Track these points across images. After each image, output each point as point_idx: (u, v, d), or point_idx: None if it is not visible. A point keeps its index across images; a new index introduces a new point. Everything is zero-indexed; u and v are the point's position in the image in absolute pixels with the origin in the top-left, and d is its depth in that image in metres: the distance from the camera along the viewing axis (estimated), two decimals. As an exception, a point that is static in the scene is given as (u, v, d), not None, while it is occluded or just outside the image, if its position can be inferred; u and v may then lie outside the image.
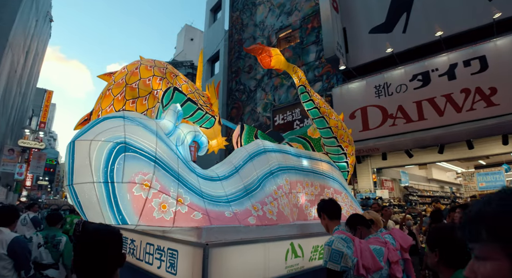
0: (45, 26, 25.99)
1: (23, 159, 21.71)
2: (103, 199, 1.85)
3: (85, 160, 1.89)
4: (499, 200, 0.62)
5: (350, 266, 2.07)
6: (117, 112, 2.29)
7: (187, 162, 2.52)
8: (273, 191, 2.92)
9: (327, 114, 3.95)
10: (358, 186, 8.87)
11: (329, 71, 10.16)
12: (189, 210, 2.13)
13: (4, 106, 17.24)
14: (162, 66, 3.01)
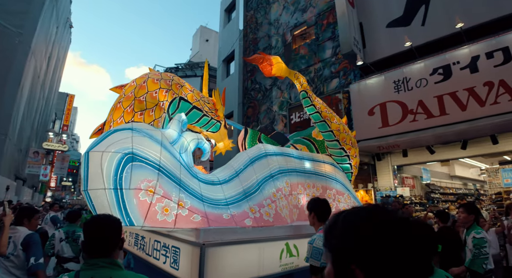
0: (66, 33, 26.78)
1: (48, 160, 22.47)
2: (113, 203, 2.13)
3: (97, 169, 2.17)
4: (343, 217, 0.73)
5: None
6: (126, 124, 2.56)
7: (190, 168, 2.74)
8: (271, 193, 3.09)
9: (329, 118, 4.10)
10: (378, 184, 8.71)
11: (346, 67, 10.02)
12: (189, 213, 2.37)
13: (28, 111, 17.88)
14: (168, 78, 3.23)
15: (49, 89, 24.41)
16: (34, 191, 25.53)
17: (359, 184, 9.01)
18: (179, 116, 2.95)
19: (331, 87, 10.35)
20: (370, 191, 8.70)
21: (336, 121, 4.20)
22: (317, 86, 10.86)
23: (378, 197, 8.33)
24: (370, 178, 8.86)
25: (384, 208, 0.76)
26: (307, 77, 11.33)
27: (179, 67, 27.90)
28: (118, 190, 2.14)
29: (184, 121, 2.99)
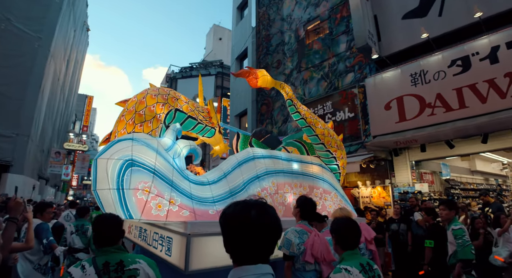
0: (83, 36, 27.41)
1: (69, 160, 23.17)
2: (116, 201, 2.61)
3: (104, 173, 2.66)
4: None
5: (297, 253, 2.59)
6: (127, 135, 3.04)
7: (182, 171, 3.18)
8: (256, 192, 3.50)
9: (313, 123, 4.46)
10: (395, 180, 8.53)
11: (361, 61, 9.84)
12: (179, 208, 2.81)
13: (50, 112, 18.44)
14: (165, 93, 3.70)
15: (69, 91, 25.09)
16: (57, 190, 26.38)
17: (376, 180, 8.86)
18: (174, 126, 3.50)
19: (346, 82, 10.20)
20: (387, 187, 8.54)
21: (321, 127, 4.56)
22: (332, 81, 10.72)
23: (396, 193, 8.17)
24: (387, 174, 8.68)
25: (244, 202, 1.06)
26: (322, 72, 11.21)
27: (193, 67, 28.13)
28: (120, 190, 2.62)
29: (178, 130, 3.53)
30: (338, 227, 2.05)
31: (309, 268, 2.62)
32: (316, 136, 4.46)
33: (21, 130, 13.40)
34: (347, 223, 2.06)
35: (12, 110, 12.92)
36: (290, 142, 5.05)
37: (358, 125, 9.46)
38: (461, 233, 3.47)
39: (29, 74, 13.78)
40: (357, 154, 8.93)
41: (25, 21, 13.65)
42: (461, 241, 3.43)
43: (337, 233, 2.03)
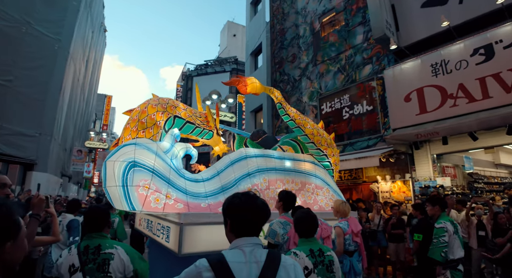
0: (101, 36, 27.96)
1: (90, 158, 23.81)
2: (122, 196, 3.08)
3: (111, 173, 3.14)
4: None
5: (281, 242, 2.94)
6: (131, 140, 3.52)
7: (178, 170, 3.67)
8: (246, 188, 3.91)
9: (302, 124, 4.78)
10: (416, 174, 8.30)
11: (379, 52, 9.59)
12: (174, 202, 3.30)
13: (71, 112, 18.95)
14: (164, 102, 4.13)
15: (89, 91, 25.70)
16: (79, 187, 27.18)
17: (396, 175, 8.65)
18: (172, 131, 4.00)
19: (363, 74, 9.97)
20: (407, 181, 8.33)
21: (310, 127, 4.87)
22: (349, 74, 10.51)
23: (417, 187, 7.95)
24: (407, 168, 8.46)
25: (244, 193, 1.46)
26: (338, 64, 11.00)
27: (208, 64, 28.24)
28: (124, 187, 3.10)
29: (176, 135, 4.01)
30: (296, 218, 2.38)
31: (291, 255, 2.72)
32: (306, 136, 4.80)
33: (44, 130, 13.83)
34: (304, 215, 2.33)
35: (35, 111, 13.34)
36: (286, 141, 5.33)
37: (377, 119, 9.25)
38: (440, 233, 3.57)
39: (50, 75, 14.18)
40: (376, 148, 8.74)
41: (45, 24, 14.02)
42: (436, 241, 3.57)
43: (295, 223, 2.39)
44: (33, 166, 13.48)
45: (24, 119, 12.90)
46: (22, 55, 12.88)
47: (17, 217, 1.04)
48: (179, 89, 27.90)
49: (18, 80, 12.68)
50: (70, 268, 2.03)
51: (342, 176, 10.44)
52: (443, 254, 3.51)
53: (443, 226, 3.60)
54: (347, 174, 10.28)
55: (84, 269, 2.02)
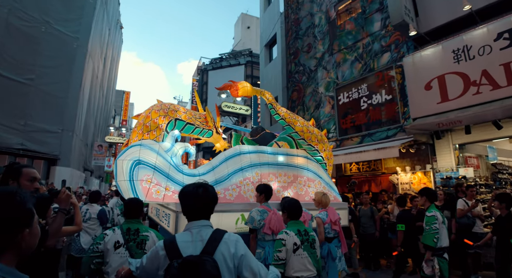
0: (117, 33, 28.36)
1: (110, 153, 24.42)
2: (129, 188, 3.77)
3: (121, 169, 3.82)
4: None
5: (258, 226, 3.59)
6: (137, 141, 4.16)
7: (177, 166, 4.30)
8: (238, 181, 4.49)
9: (292, 122, 5.22)
10: (437, 165, 8.04)
11: (397, 39, 9.27)
12: (172, 193, 3.97)
13: (90, 108, 19.42)
14: (166, 107, 4.69)
15: (107, 88, 26.24)
16: (101, 180, 28.00)
17: (416, 166, 8.41)
18: (173, 133, 4.61)
19: (382, 63, 9.68)
20: (428, 172, 8.08)
21: (299, 125, 5.29)
22: (367, 63, 10.23)
23: (438, 178, 7.71)
24: (428, 158, 8.20)
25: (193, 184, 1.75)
26: (355, 53, 10.73)
27: (223, 57, 28.21)
28: (131, 181, 3.79)
29: (177, 136, 4.64)
30: (286, 204, 2.99)
31: (267, 239, 3.54)
32: (296, 133, 5.25)
33: (66, 126, 14.26)
34: (292, 202, 2.96)
35: (57, 108, 13.75)
36: (283, 137, 5.64)
37: (396, 108, 8.99)
38: (432, 220, 3.89)
39: (70, 73, 14.54)
40: (396, 138, 8.51)
41: (63, 23, 14.33)
42: (428, 228, 3.88)
43: (285, 208, 2.98)
44: (57, 161, 13.95)
45: (46, 116, 13.32)
46: (43, 54, 13.23)
47: (30, 206, 1.08)
48: (194, 83, 28.07)
49: (40, 79, 13.06)
50: (115, 243, 2.64)
51: (360, 168, 10.27)
52: (435, 240, 3.81)
53: (434, 214, 3.92)
54: (365, 166, 10.09)
55: (127, 245, 2.65)
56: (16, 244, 1.03)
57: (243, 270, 1.61)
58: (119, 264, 2.50)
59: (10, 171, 2.16)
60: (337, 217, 4.13)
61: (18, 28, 12.39)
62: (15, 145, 12.26)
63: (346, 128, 10.63)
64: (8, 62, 11.96)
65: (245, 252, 1.66)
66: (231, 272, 1.58)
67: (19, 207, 1.05)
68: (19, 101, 12.32)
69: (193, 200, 1.68)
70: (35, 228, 1.10)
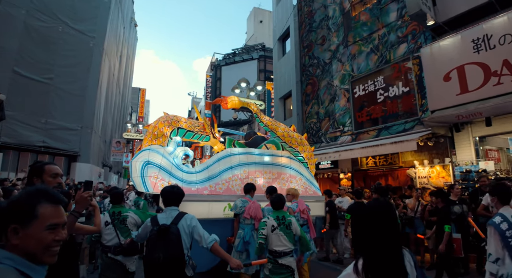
0: (132, 31, 28.70)
1: (128, 149, 24.90)
2: (141, 183, 4.80)
3: (135, 168, 4.87)
4: None
5: (239, 212, 4.65)
6: (147, 146, 5.23)
7: (178, 165, 5.37)
8: (227, 177, 5.52)
9: (274, 128, 6.37)
10: (456, 158, 7.84)
11: (414, 29, 9.02)
12: None
13: (108, 106, 19.81)
14: (170, 118, 5.75)
15: (124, 85, 26.67)
16: (119, 176, 28.62)
17: (434, 159, 8.23)
18: (175, 139, 5.69)
19: (398, 54, 9.45)
20: (447, 166, 7.89)
21: (281, 130, 6.41)
22: (383, 54, 10.01)
23: (457, 172, 7.52)
24: (447, 151, 8.00)
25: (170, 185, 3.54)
26: (371, 45, 10.51)
27: (236, 52, 28.15)
28: (142, 177, 4.86)
29: (178, 141, 5.73)
30: (273, 199, 3.75)
31: (247, 222, 4.60)
32: (278, 137, 6.37)
33: (84, 123, 14.62)
34: (279, 196, 3.77)
35: (75, 106, 14.11)
36: (272, 140, 6.56)
37: (413, 100, 8.79)
38: None
39: (87, 71, 14.86)
40: (414, 131, 8.34)
41: (79, 22, 14.62)
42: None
43: (273, 201, 3.74)
44: (77, 157, 14.36)
45: (66, 114, 13.70)
46: (60, 53, 13.56)
47: (33, 208, 1.08)
48: (208, 79, 28.18)
49: (59, 78, 13.41)
50: (106, 223, 3.62)
51: (377, 162, 10.13)
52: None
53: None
54: (382, 159, 9.94)
55: (113, 223, 3.63)
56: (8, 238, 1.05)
57: (194, 234, 2.80)
58: (110, 236, 3.59)
59: (33, 169, 2.22)
60: (304, 207, 5.03)
61: (36, 29, 12.72)
62: (37, 143, 12.68)
63: (362, 122, 10.47)
64: (28, 63, 12.32)
65: (196, 224, 2.84)
66: (187, 234, 2.77)
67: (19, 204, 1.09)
68: (40, 100, 12.70)
69: (169, 195, 2.93)
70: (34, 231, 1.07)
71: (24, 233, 1.06)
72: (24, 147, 12.36)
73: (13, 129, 11.68)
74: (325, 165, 12.08)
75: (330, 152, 10.03)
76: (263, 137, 6.97)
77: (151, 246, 2.65)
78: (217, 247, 2.81)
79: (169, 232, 2.63)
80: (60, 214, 1.15)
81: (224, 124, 25.44)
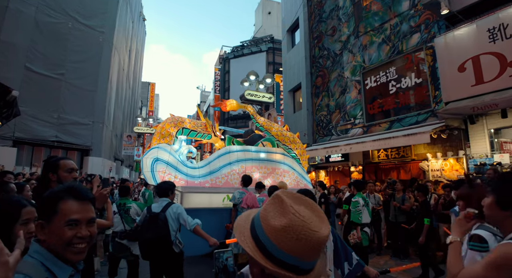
0: (140, 26, 28.72)
1: (139, 142, 25.19)
2: (151, 177, 5.74)
3: (145, 164, 5.78)
4: None
5: (237, 202, 5.21)
6: (156, 145, 6.01)
7: (183, 161, 6.17)
8: (226, 172, 6.34)
9: (269, 128, 7.21)
10: (470, 151, 7.68)
11: (428, 19, 8.79)
12: (179, 180, 5.88)
13: (118, 100, 19.99)
14: (175, 120, 6.59)
15: (133, 80, 26.82)
16: (131, 169, 29.02)
17: (448, 152, 8.09)
18: (180, 138, 6.51)
19: (411, 44, 9.23)
20: (461, 159, 7.75)
21: (275, 130, 7.24)
22: (395, 45, 9.80)
23: (471, 165, 7.38)
24: (461, 144, 7.85)
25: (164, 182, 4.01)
26: (383, 35, 10.30)
27: (244, 45, 27.96)
28: (152, 172, 5.68)
29: (183, 140, 6.56)
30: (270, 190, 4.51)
31: (244, 211, 4.88)
32: (272, 136, 7.21)
33: (96, 118, 14.80)
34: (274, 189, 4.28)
35: (87, 101, 14.28)
36: (268, 138, 7.30)
37: (426, 92, 8.61)
38: (356, 204, 5.09)
39: (98, 66, 14.98)
40: (427, 123, 8.20)
41: (89, 18, 14.69)
42: (354, 210, 5.10)
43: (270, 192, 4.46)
44: (89, 151, 14.58)
45: (78, 109, 13.87)
46: (71, 49, 13.67)
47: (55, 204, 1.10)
48: (217, 73, 28.13)
49: (70, 73, 13.55)
50: (113, 212, 4.08)
51: (389, 154, 10.01)
52: (360, 218, 5.05)
53: (357, 200, 5.11)
54: (394, 152, 9.81)
55: (119, 212, 4.40)
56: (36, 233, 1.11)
57: (180, 219, 3.39)
58: (117, 223, 4.31)
59: (48, 164, 2.21)
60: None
61: (46, 25, 12.83)
62: (50, 137, 12.90)
63: (374, 114, 10.33)
64: (39, 59, 12.47)
65: (180, 211, 3.43)
66: (174, 220, 3.38)
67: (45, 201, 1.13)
68: (52, 95, 12.88)
69: (160, 190, 3.65)
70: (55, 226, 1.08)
71: (48, 228, 1.08)
72: (37, 142, 12.60)
73: (27, 124, 11.89)
74: (336, 157, 11.98)
75: (341, 145, 9.93)
76: (260, 135, 7.61)
77: (143, 229, 3.36)
78: (198, 229, 3.37)
79: (157, 218, 3.32)
80: (83, 209, 1.13)
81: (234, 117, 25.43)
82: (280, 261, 0.76)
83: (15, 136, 11.68)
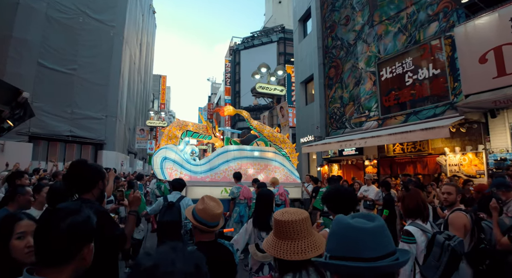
0: (150, 19, 28.63)
1: (152, 136, 25.46)
2: (160, 173, 6.88)
3: (155, 162, 6.86)
4: None
5: (235, 196, 6.13)
6: (164, 145, 7.14)
7: (188, 159, 7.33)
8: (224, 168, 7.43)
9: (261, 130, 8.20)
10: (490, 145, 7.39)
11: (446, 7, 8.40)
12: (184, 176, 6.86)
13: (130, 94, 20.09)
14: (180, 123, 7.56)
15: (145, 73, 26.91)
16: (144, 162, 29.41)
17: (467, 146, 7.82)
18: (185, 139, 7.52)
19: (429, 34, 8.86)
20: (480, 153, 7.48)
21: (266, 132, 8.23)
22: (412, 34, 9.43)
23: (491, 160, 7.12)
24: (481, 138, 7.55)
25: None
26: (399, 24, 9.92)
27: (255, 36, 27.57)
28: (161, 168, 6.81)
29: (187, 141, 7.61)
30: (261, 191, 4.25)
31: (241, 202, 6.11)
32: (265, 137, 8.23)
33: (109, 112, 14.92)
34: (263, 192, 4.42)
35: (99, 95, 14.39)
36: (262, 138, 8.31)
37: (445, 83, 8.30)
38: (321, 193, 6.12)
39: (109, 61, 15.02)
40: (445, 117, 7.91)
41: (99, 12, 14.67)
42: (319, 198, 6.01)
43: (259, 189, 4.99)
44: (103, 145, 14.77)
45: (91, 104, 14.00)
46: (82, 44, 13.72)
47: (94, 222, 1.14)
48: (227, 64, 27.94)
49: (82, 68, 13.63)
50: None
51: (404, 148, 9.76)
52: (322, 205, 5.52)
53: (324, 190, 5.80)
54: (410, 146, 9.55)
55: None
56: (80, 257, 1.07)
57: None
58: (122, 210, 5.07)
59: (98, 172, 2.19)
60: (283, 191, 6.57)
61: (58, 20, 12.86)
62: (65, 132, 13.08)
63: (389, 106, 10.05)
64: (52, 54, 12.55)
65: (191, 203, 4.04)
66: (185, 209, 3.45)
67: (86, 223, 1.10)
68: (65, 91, 13.01)
69: (176, 184, 4.70)
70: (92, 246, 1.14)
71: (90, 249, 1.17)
72: (52, 137, 12.80)
73: (42, 120, 12.07)
74: (349, 151, 11.78)
75: (355, 139, 9.70)
76: (255, 135, 8.51)
77: (163, 213, 4.34)
78: None
79: (173, 206, 4.34)
80: None
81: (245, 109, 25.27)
82: (199, 221, 1.94)
83: (31, 132, 11.89)
